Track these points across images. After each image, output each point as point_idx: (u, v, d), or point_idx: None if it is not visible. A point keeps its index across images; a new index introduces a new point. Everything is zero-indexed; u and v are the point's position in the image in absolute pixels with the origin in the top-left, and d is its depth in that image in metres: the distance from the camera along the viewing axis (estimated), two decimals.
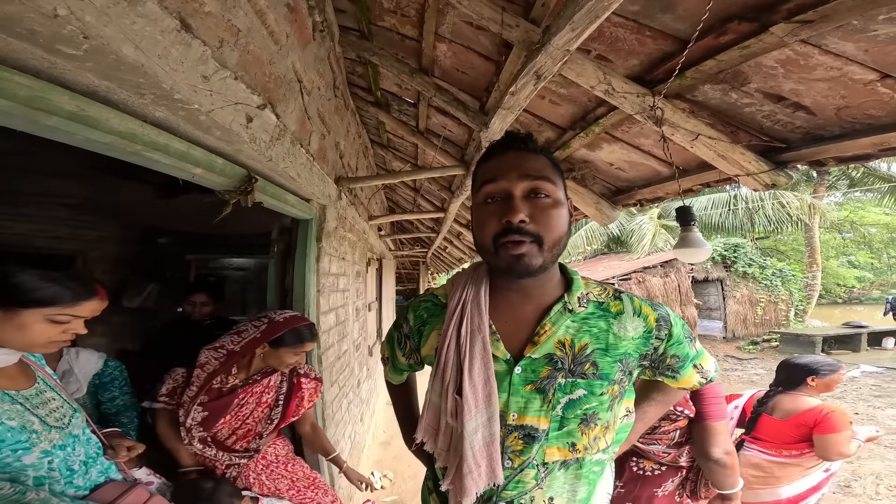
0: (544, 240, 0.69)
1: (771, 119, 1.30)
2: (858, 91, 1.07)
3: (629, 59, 1.35)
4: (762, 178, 1.32)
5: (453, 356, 0.76)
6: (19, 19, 0.50)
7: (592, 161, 2.09)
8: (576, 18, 0.91)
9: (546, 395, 0.72)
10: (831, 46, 0.98)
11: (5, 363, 0.93)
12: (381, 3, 1.71)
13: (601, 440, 0.76)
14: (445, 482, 0.76)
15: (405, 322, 0.91)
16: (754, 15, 0.99)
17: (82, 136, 0.69)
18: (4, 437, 0.86)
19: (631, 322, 0.76)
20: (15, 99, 0.57)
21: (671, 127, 1.38)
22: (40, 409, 0.95)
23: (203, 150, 1.06)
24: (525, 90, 1.34)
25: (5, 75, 0.55)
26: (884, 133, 1.08)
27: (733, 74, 1.20)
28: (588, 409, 0.73)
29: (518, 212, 0.68)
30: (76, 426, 1.03)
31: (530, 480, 0.73)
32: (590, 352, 0.74)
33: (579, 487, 0.76)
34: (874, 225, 18.08)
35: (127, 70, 0.66)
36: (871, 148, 1.11)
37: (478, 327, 0.75)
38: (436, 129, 2.67)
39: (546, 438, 0.73)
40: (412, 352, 0.91)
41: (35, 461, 0.89)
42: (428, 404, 0.81)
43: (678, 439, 1.42)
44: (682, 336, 0.80)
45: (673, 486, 1.45)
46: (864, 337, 9.37)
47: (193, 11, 0.81)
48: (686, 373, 0.83)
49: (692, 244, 1.45)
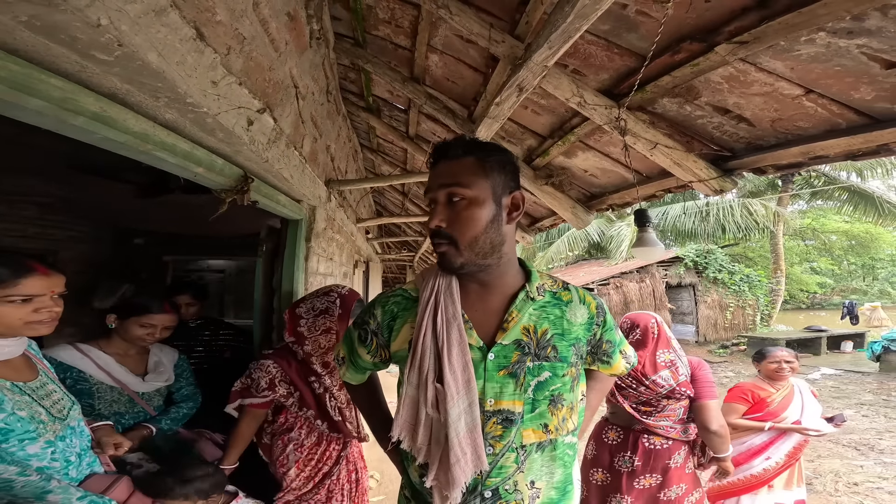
0: (458, 241, 0.78)
1: (720, 130, 1.45)
2: (788, 104, 1.22)
3: (600, 74, 1.48)
4: (712, 183, 1.47)
5: (430, 345, 0.78)
6: (66, 27, 0.56)
7: (569, 168, 2.22)
8: (552, 38, 1.02)
9: (518, 378, 0.78)
10: (764, 64, 1.13)
11: (11, 354, 0.96)
12: (377, 14, 1.80)
13: (568, 421, 0.84)
14: (430, 478, 0.76)
15: (371, 318, 0.90)
16: (703, 36, 1.13)
17: (101, 136, 0.74)
18: (15, 427, 0.89)
19: (578, 309, 0.86)
20: (49, 99, 0.62)
21: (634, 136, 1.52)
22: (45, 400, 0.98)
23: (205, 151, 1.11)
24: (509, 101, 1.45)
25: (42, 77, 0.61)
26: (810, 143, 1.23)
27: (687, 89, 1.34)
28: (554, 391, 0.80)
29: (433, 218, 0.79)
30: (73, 418, 1.07)
31: (511, 464, 0.78)
32: (550, 336, 0.81)
33: (556, 470, 0.82)
34: (834, 232, 19.21)
35: (149, 75, 0.72)
36: (801, 156, 1.27)
37: (452, 315, 0.79)
38: (425, 134, 2.75)
39: (522, 421, 0.78)
40: (379, 348, 0.90)
41: (39, 451, 0.92)
42: (404, 399, 0.81)
43: (682, 416, 1.67)
44: (612, 323, 0.92)
45: (682, 458, 1.67)
46: (824, 340, 9.92)
47: (207, 21, 0.87)
48: (616, 359, 0.94)
49: (648, 244, 1.62)
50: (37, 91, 0.60)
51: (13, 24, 0.54)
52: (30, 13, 0.53)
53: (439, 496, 0.77)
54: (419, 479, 0.81)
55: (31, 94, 0.60)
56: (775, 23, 0.94)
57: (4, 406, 0.89)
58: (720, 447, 1.66)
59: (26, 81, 0.59)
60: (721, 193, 1.47)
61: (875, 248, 20.29)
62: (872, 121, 1.13)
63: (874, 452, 4.34)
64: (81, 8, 0.54)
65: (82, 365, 1.41)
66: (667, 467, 1.65)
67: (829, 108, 1.16)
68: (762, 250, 18.27)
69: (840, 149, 1.17)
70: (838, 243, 20.42)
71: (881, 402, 6.05)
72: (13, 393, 0.92)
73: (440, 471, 0.76)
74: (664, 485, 1.64)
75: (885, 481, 3.68)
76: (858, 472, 3.87)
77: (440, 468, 0.76)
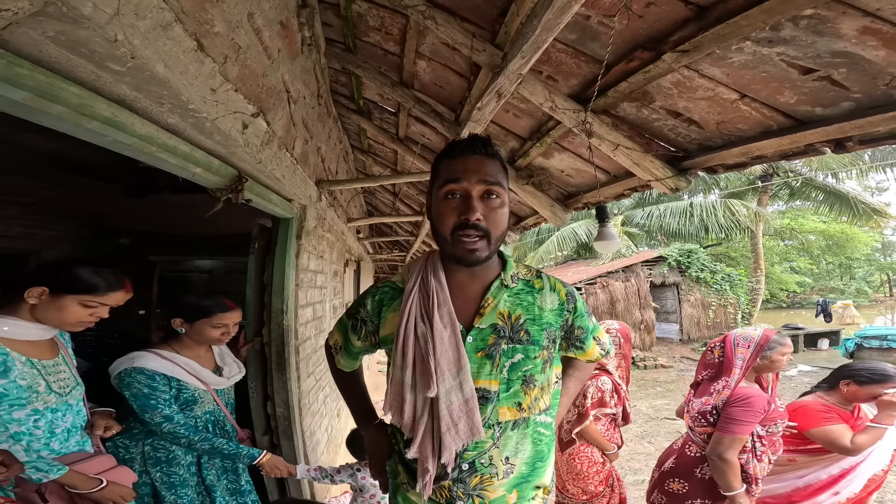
0: (492, 235, 0.85)
1: (674, 132, 1.56)
2: (728, 108, 1.33)
3: (570, 80, 1.59)
4: (668, 182, 1.59)
5: (413, 329, 0.85)
6: (87, 41, 0.63)
7: (548, 168, 2.34)
8: (524, 48, 1.11)
9: (494, 359, 0.85)
10: (705, 71, 1.24)
11: (40, 337, 1.08)
12: (367, 21, 1.88)
13: (541, 400, 0.91)
14: (412, 450, 0.83)
15: (362, 307, 0.98)
16: (652, 45, 1.24)
17: (112, 139, 0.82)
18: (11, 393, 0.98)
19: (549, 296, 0.93)
20: (68, 105, 0.69)
21: (599, 139, 1.63)
22: (51, 376, 1.08)
23: (203, 152, 1.18)
24: (489, 106, 1.54)
25: (63, 86, 0.68)
26: (749, 143, 1.35)
27: (642, 94, 1.45)
28: (527, 371, 0.87)
29: (475, 211, 0.83)
30: (74, 397, 1.15)
31: (488, 440, 0.84)
32: (522, 321, 0.88)
33: (528, 447, 0.89)
34: (812, 232, 19.75)
35: (156, 84, 0.80)
36: (742, 156, 1.39)
37: (443, 300, 0.86)
38: (415, 136, 2.84)
39: (498, 399, 0.85)
40: (369, 334, 0.98)
41: (23, 417, 1.01)
42: (391, 379, 0.88)
43: None
44: (583, 310, 0.99)
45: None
46: (801, 338, 10.25)
47: (206, 32, 0.95)
48: (589, 344, 1.00)
49: (606, 237, 1.79)
50: (58, 98, 0.68)
51: (41, 38, 0.62)
52: (57, 29, 0.61)
53: (420, 467, 0.84)
54: (405, 449, 0.88)
55: (53, 101, 0.67)
56: (709, 33, 1.05)
57: (10, 374, 0.98)
58: (719, 479, 1.58)
59: (50, 90, 0.66)
60: (676, 191, 1.59)
61: (851, 248, 20.94)
62: (798, 123, 1.23)
63: None
64: (102, 25, 0.62)
65: (176, 373, 1.42)
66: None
67: (761, 111, 1.26)
68: (743, 250, 18.74)
69: (773, 149, 1.29)
70: (816, 243, 21.03)
71: None
72: (24, 366, 1.01)
73: (423, 444, 0.83)
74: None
75: None
76: None
77: (423, 442, 0.83)
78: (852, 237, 19.73)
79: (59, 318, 1.09)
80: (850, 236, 19.60)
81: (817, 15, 0.91)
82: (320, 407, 2.61)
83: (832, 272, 25.10)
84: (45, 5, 0.55)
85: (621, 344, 2.04)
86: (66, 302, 1.08)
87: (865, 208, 11.57)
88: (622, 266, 10.97)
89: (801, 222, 19.32)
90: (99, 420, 1.28)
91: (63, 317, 1.09)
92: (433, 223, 0.91)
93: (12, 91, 0.61)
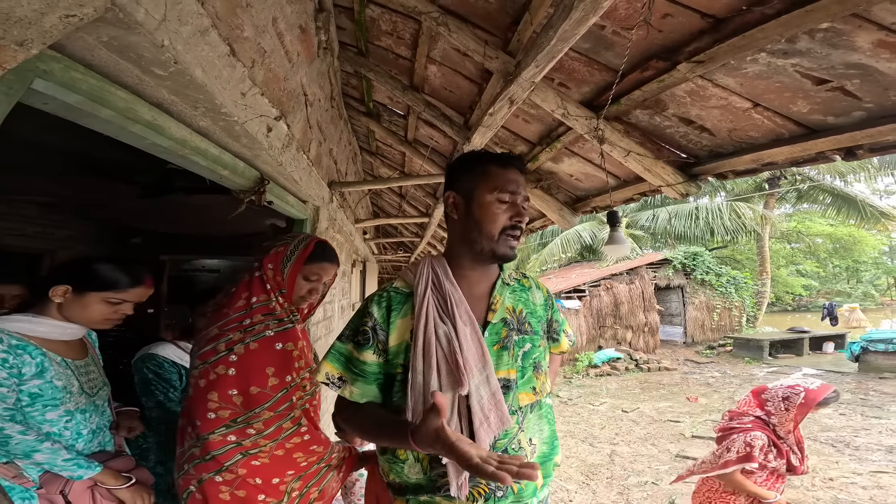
0: (521, 236, 0.97)
1: (686, 139, 1.60)
2: (740, 116, 1.38)
3: (582, 87, 1.63)
4: (678, 188, 1.63)
5: (433, 331, 0.85)
6: (136, 46, 0.67)
7: (556, 172, 2.37)
8: (538, 58, 1.14)
9: (509, 350, 0.92)
10: (719, 81, 1.28)
11: (74, 336, 1.11)
12: (379, 25, 1.92)
13: (546, 384, 1.00)
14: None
15: (367, 317, 0.90)
16: (667, 55, 1.28)
17: (151, 141, 0.86)
18: (45, 393, 1.00)
19: (537, 293, 1.05)
20: (116, 109, 0.73)
21: (610, 145, 1.67)
22: (83, 377, 1.11)
23: (230, 155, 1.22)
24: (501, 112, 1.57)
25: (112, 90, 0.72)
26: (760, 150, 1.39)
27: (655, 102, 1.49)
28: (535, 358, 0.96)
29: (526, 216, 0.96)
30: (101, 398, 1.18)
31: (514, 425, 0.88)
32: (524, 315, 0.98)
33: (544, 427, 0.97)
34: (819, 235, 19.58)
35: (194, 88, 0.84)
36: (753, 163, 1.43)
37: (459, 300, 0.90)
38: (423, 139, 2.88)
39: (517, 386, 0.91)
40: (380, 344, 0.89)
41: (56, 418, 1.03)
42: (411, 386, 0.83)
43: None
44: (557, 306, 1.11)
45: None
46: (807, 341, 10.17)
47: (237, 37, 0.99)
48: (561, 337, 1.09)
49: (617, 241, 1.83)
50: (107, 101, 0.72)
51: (95, 43, 0.66)
52: (111, 34, 0.65)
53: (454, 468, 0.81)
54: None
55: (102, 105, 0.71)
56: (725, 45, 1.10)
57: (46, 374, 1.01)
58: None
59: (100, 93, 0.70)
60: (687, 196, 1.62)
61: (858, 251, 20.77)
62: (809, 131, 1.27)
63: (850, 449, 4.50)
64: (151, 31, 0.66)
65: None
66: None
67: (773, 119, 1.31)
68: (749, 253, 18.61)
69: (784, 156, 1.33)
70: (823, 246, 20.87)
71: (858, 402, 6.25)
72: (60, 366, 1.04)
73: None
74: None
75: (858, 476, 3.83)
76: (834, 468, 4.02)
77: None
78: (860, 240, 19.57)
79: (86, 317, 1.10)
80: (857, 239, 19.44)
81: (833, 28, 0.95)
82: (329, 406, 2.64)
83: (839, 275, 24.89)
84: (105, 11, 0.58)
85: (798, 404, 1.92)
86: (90, 299, 1.09)
87: (873, 211, 11.50)
88: (627, 269, 10.94)
89: (808, 225, 19.17)
90: (123, 421, 1.29)
91: (89, 315, 1.10)
92: (476, 221, 0.92)
93: (67, 94, 0.65)
